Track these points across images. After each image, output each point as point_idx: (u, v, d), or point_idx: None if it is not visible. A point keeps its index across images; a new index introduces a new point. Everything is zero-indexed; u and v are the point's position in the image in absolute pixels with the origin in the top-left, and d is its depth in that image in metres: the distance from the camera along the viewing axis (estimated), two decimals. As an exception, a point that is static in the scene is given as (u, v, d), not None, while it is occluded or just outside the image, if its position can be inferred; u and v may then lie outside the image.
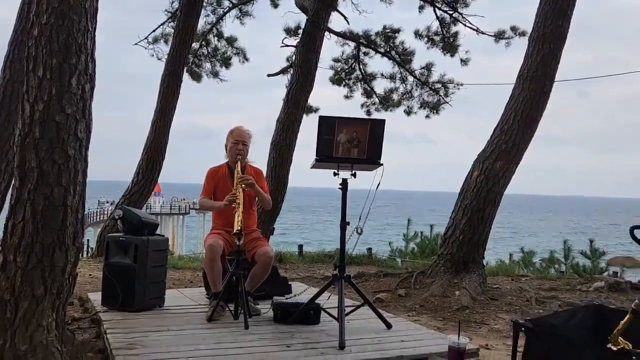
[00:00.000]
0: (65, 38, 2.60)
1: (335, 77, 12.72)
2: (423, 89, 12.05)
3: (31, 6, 2.71)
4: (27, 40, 2.70)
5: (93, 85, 2.75)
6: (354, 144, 3.38)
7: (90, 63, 2.72)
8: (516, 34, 10.93)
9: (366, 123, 3.39)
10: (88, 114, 2.70)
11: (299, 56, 9.53)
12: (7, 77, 4.41)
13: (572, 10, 5.47)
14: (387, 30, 11.56)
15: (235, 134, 4.10)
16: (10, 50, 4.43)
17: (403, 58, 11.85)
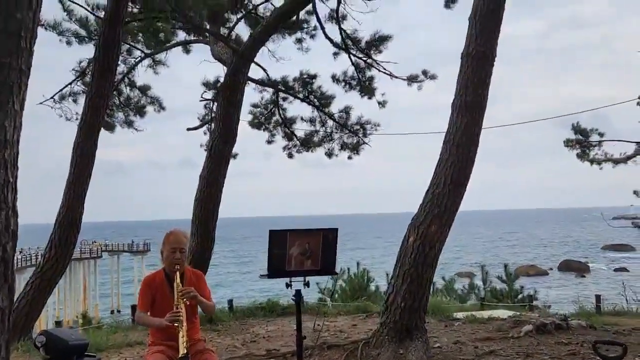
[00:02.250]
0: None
1: (255, 122, 12.60)
2: (343, 132, 12.24)
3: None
4: None
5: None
6: (307, 255, 3.27)
7: (12, 218, 2.39)
8: (427, 77, 11.47)
9: (319, 234, 3.29)
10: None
11: (220, 110, 9.32)
12: None
13: (490, 78, 5.77)
14: (304, 76, 11.66)
15: (172, 240, 3.83)
16: None
17: (322, 102, 11.98)
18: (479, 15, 5.63)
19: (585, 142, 11.13)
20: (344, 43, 10.82)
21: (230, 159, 9.78)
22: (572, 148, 11.10)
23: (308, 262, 3.27)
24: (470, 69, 5.70)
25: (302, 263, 3.26)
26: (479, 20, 5.64)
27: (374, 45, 10.93)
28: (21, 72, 2.44)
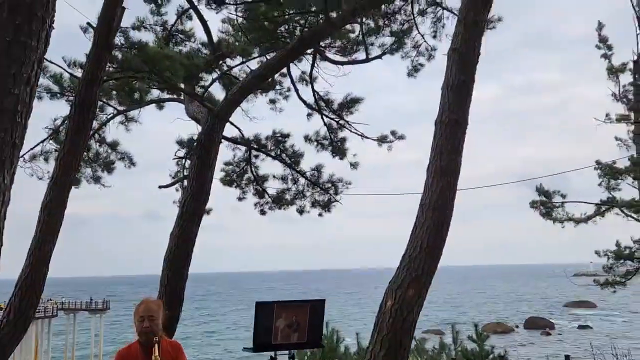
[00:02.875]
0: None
1: (227, 179, 12.58)
2: (314, 189, 12.33)
3: None
4: None
5: None
6: (294, 328, 3.22)
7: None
8: (396, 137, 11.82)
9: (306, 306, 3.27)
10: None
11: (194, 169, 9.29)
12: None
13: (463, 145, 6.00)
14: (277, 135, 11.82)
15: (141, 309, 3.75)
16: None
17: (294, 160, 12.12)
18: (450, 87, 5.92)
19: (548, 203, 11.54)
20: (317, 104, 11.11)
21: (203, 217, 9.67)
22: (537, 209, 11.48)
23: (295, 335, 3.22)
24: (444, 136, 5.92)
25: (289, 336, 3.21)
26: (451, 91, 5.92)
27: (345, 107, 11.25)
28: (14, 146, 2.42)
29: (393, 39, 10.32)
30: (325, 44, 10.60)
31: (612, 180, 10.78)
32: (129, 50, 8.48)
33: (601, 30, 12.63)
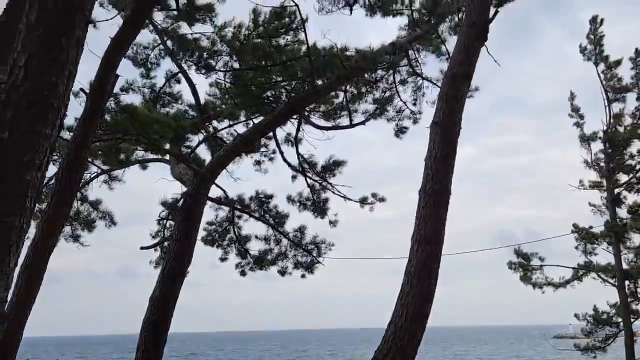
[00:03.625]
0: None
1: (208, 239, 12.50)
2: (297, 250, 12.31)
3: None
4: None
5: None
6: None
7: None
8: (377, 199, 12.02)
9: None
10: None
11: (178, 231, 9.26)
12: None
13: (446, 214, 6.18)
14: (260, 196, 11.91)
15: None
16: None
17: (277, 221, 12.16)
18: (433, 158, 6.16)
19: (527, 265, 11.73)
20: (301, 166, 11.31)
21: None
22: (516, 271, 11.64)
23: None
24: (428, 205, 6.10)
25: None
26: (434, 162, 6.16)
27: (329, 170, 11.47)
28: (21, 230, 2.47)
29: (376, 106, 10.72)
30: (310, 109, 10.93)
31: (589, 244, 11.06)
32: (119, 114, 8.63)
33: (573, 99, 13.32)
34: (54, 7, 2.60)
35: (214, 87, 11.43)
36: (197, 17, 10.41)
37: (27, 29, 2.61)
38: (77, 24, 2.65)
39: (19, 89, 2.52)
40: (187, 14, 10.34)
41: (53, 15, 2.60)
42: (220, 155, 9.75)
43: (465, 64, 6.20)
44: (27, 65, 2.54)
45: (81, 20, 2.66)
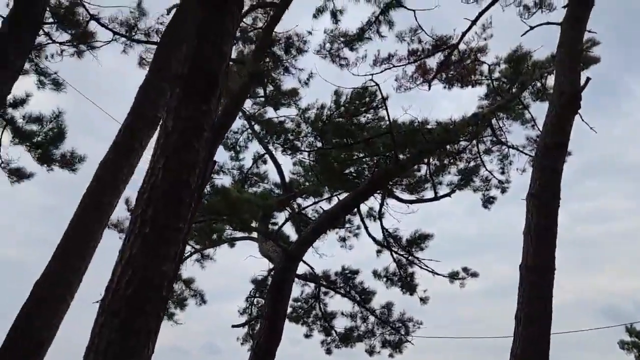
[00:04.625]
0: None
1: (294, 316, 12.48)
2: (384, 328, 11.97)
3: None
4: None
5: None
6: None
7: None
8: (468, 274, 11.57)
9: None
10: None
11: (267, 308, 9.35)
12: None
13: (552, 290, 5.82)
14: (346, 272, 11.85)
15: None
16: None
17: (363, 297, 11.98)
18: (533, 233, 5.92)
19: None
20: (386, 241, 11.23)
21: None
22: (629, 352, 10.56)
23: None
24: (530, 282, 5.80)
25: None
26: (534, 237, 5.90)
27: (414, 244, 11.29)
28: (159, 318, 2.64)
29: (460, 176, 10.61)
30: (393, 182, 11.00)
31: None
32: (213, 196, 9.13)
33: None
34: (187, 116, 2.92)
35: (298, 165, 11.88)
36: (282, 101, 11.08)
37: (165, 135, 2.93)
38: (206, 127, 2.95)
39: (158, 189, 2.79)
40: (273, 100, 11.03)
41: (186, 123, 2.91)
42: (307, 232, 9.92)
43: (560, 134, 6.07)
44: (164, 167, 2.83)
45: (210, 124, 2.95)
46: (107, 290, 2.76)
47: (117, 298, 2.62)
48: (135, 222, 2.81)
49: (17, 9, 6.33)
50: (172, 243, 2.72)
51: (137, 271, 2.64)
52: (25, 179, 9.02)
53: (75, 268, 5.63)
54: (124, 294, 2.61)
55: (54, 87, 9.67)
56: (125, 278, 2.64)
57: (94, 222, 5.92)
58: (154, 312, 2.56)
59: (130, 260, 2.69)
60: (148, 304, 2.55)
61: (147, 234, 2.71)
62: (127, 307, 2.58)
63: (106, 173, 6.13)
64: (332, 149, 10.52)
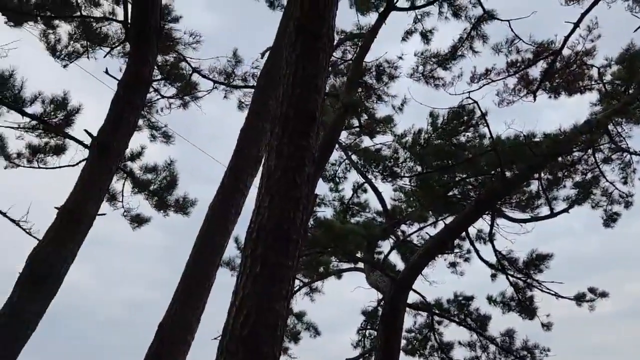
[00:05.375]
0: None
1: (409, 348, 12.07)
2: (507, 357, 11.16)
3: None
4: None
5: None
6: None
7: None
8: (596, 295, 10.52)
9: None
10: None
11: (380, 340, 9.13)
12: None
13: None
14: (459, 298, 11.29)
15: None
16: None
17: (479, 324, 11.31)
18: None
19: None
20: (500, 264, 10.57)
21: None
22: None
23: None
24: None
25: None
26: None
27: (532, 265, 10.51)
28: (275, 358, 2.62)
29: (577, 190, 9.78)
30: (501, 202, 10.40)
31: None
32: (317, 229, 9.22)
33: None
34: (288, 153, 2.96)
35: (398, 191, 11.68)
36: (377, 129, 11.04)
37: (267, 174, 2.99)
38: (307, 163, 2.96)
39: (266, 227, 2.84)
40: (368, 128, 11.04)
41: (288, 161, 2.96)
42: (414, 259, 9.63)
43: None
44: (270, 205, 2.88)
45: (310, 159, 2.97)
46: (224, 331, 2.81)
47: (234, 339, 2.66)
48: (245, 262, 2.87)
49: (129, 71, 6.96)
50: (283, 281, 2.73)
51: (251, 312, 2.67)
52: (144, 224, 9.76)
53: (194, 308, 5.89)
54: (240, 334, 2.65)
55: (164, 139, 10.48)
56: (240, 319, 2.68)
57: (208, 263, 6.19)
58: (270, 352, 2.56)
59: (243, 301, 2.73)
60: (264, 345, 2.55)
61: (258, 273, 2.74)
62: (244, 348, 2.61)
63: (215, 214, 6.42)
64: (433, 172, 10.22)
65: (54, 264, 5.54)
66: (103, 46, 9.21)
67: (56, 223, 5.85)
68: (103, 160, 6.23)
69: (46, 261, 5.54)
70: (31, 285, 5.40)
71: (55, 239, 5.70)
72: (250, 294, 2.72)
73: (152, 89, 9.49)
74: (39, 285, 5.41)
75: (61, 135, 8.75)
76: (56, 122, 8.55)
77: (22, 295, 5.34)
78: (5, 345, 5.20)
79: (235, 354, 2.60)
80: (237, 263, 11.11)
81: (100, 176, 6.16)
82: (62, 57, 9.26)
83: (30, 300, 5.36)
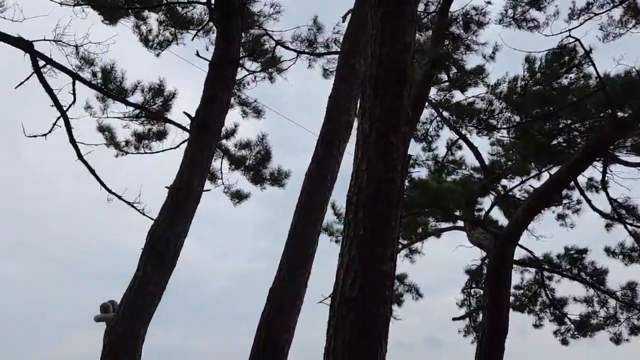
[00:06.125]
0: None
1: (517, 305, 11.69)
2: (630, 312, 10.45)
3: None
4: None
5: None
6: None
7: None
8: None
9: None
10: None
11: (487, 299, 8.92)
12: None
13: None
14: (571, 252, 10.68)
15: None
16: None
17: (595, 279, 10.65)
18: None
19: None
20: (616, 213, 9.81)
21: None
22: None
23: None
24: None
25: None
26: None
27: (654, 213, 9.65)
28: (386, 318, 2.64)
29: None
30: (614, 145, 9.57)
31: None
32: (412, 190, 9.08)
33: None
34: (382, 115, 2.91)
35: (496, 145, 11.13)
36: (468, 82, 10.52)
37: (362, 138, 2.97)
38: (402, 123, 2.90)
39: (365, 190, 2.84)
40: (458, 82, 10.56)
41: (382, 122, 2.91)
42: (518, 214, 9.20)
43: None
44: (368, 168, 2.87)
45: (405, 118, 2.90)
46: (334, 293, 2.89)
47: (344, 301, 2.72)
48: (348, 226, 2.89)
49: (218, 52, 7.18)
50: (388, 242, 2.72)
51: (358, 274, 2.70)
52: (244, 199, 10.19)
53: (300, 274, 6.11)
54: (349, 296, 2.70)
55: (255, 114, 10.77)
56: (348, 282, 2.72)
57: (310, 230, 6.36)
58: (381, 312, 2.58)
59: (349, 264, 2.77)
60: (373, 305, 2.58)
61: (362, 236, 2.76)
62: (354, 309, 2.66)
63: (312, 183, 6.54)
64: (534, 121, 9.60)
65: (170, 239, 5.99)
66: (190, 30, 9.56)
67: (168, 201, 6.29)
68: (203, 138, 6.55)
69: (163, 237, 6.00)
70: (153, 260, 5.90)
71: (169, 216, 6.14)
72: (356, 257, 2.75)
73: (240, 66, 9.74)
74: (159, 260, 5.89)
75: (162, 121, 9.32)
76: (156, 108, 9.11)
77: (146, 270, 5.84)
78: (137, 315, 5.75)
79: (347, 316, 2.66)
80: (335, 229, 11.31)
81: (202, 154, 6.50)
82: (154, 47, 9.76)
83: (153, 274, 5.86)
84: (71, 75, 7.99)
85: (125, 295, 5.81)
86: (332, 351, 2.72)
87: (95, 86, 8.50)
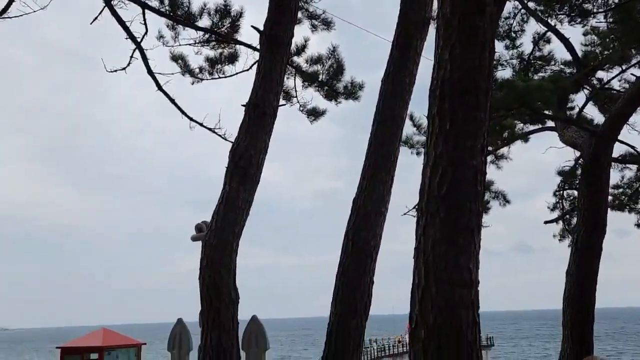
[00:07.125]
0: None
1: (616, 204, 11.05)
2: None
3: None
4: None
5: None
6: None
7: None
8: None
9: None
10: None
11: (583, 199, 8.45)
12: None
13: None
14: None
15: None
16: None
17: None
18: None
19: None
20: None
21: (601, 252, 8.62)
22: None
23: None
24: None
25: None
26: None
27: None
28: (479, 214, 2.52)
29: None
30: None
31: None
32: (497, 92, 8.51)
33: None
34: (464, 10, 2.60)
35: (590, 34, 10.04)
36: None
37: (444, 24, 2.70)
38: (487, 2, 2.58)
39: (450, 80, 2.62)
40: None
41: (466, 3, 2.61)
42: (618, 107, 8.42)
43: None
44: (451, 57, 2.63)
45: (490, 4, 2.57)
46: (420, 193, 2.78)
47: (432, 199, 2.61)
48: (433, 121, 2.71)
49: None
50: (477, 134, 2.53)
51: (446, 170, 2.56)
52: (320, 116, 10.08)
53: (383, 182, 6.04)
54: (438, 193, 2.58)
55: (324, 26, 10.36)
56: (436, 179, 2.59)
57: (391, 136, 6.19)
58: (474, 208, 2.46)
59: (436, 161, 2.62)
60: (465, 200, 2.46)
61: (448, 130, 2.58)
62: (445, 206, 2.55)
63: (389, 87, 6.27)
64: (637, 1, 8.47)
65: (253, 155, 6.12)
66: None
67: (245, 119, 6.35)
68: (274, 51, 6.43)
69: (245, 154, 6.13)
70: (237, 177, 6.07)
71: (248, 133, 6.22)
72: (443, 153, 2.60)
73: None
74: (243, 176, 6.06)
75: (232, 42, 9.24)
76: (225, 30, 9.01)
77: (232, 186, 6.04)
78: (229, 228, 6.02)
79: (436, 214, 2.57)
80: (415, 140, 11.01)
81: (275, 66, 6.41)
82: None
83: (239, 189, 6.06)
84: (140, 4, 8.03)
85: (216, 211, 6.10)
86: (423, 250, 2.66)
87: (164, 13, 8.51)
